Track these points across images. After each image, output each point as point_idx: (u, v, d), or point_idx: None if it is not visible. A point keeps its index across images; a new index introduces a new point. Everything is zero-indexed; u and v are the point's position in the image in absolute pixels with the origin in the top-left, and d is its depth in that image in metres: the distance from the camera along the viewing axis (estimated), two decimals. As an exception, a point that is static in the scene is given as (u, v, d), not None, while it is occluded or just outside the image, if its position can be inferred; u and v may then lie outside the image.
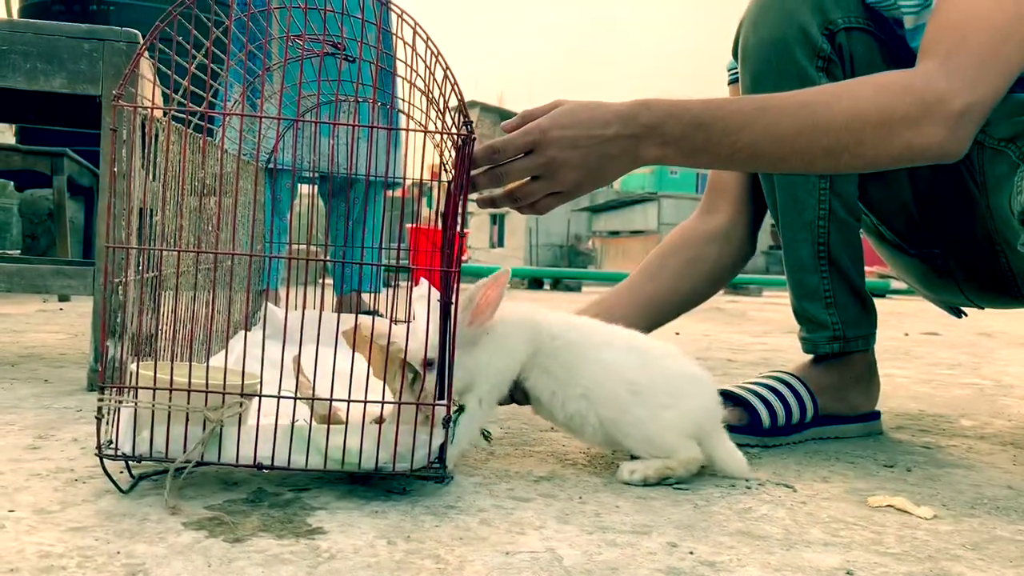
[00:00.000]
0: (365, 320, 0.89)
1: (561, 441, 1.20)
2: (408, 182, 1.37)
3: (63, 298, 3.52)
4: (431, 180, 1.07)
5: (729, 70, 1.39)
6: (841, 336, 1.32)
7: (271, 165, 1.52)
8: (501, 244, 30.48)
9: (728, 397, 1.26)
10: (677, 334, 3.16)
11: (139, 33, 1.41)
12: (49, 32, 1.38)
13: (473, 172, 0.93)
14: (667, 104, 0.97)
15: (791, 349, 1.51)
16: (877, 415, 1.37)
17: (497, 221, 31.47)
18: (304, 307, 0.90)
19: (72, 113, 1.75)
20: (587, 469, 1.05)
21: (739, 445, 1.16)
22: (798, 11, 1.19)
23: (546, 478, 1.00)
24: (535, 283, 8.53)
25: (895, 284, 7.51)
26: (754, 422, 1.22)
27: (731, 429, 1.20)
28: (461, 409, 0.94)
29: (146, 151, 0.84)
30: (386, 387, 0.91)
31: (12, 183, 4.96)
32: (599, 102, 0.95)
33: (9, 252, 7.42)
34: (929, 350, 2.90)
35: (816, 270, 1.31)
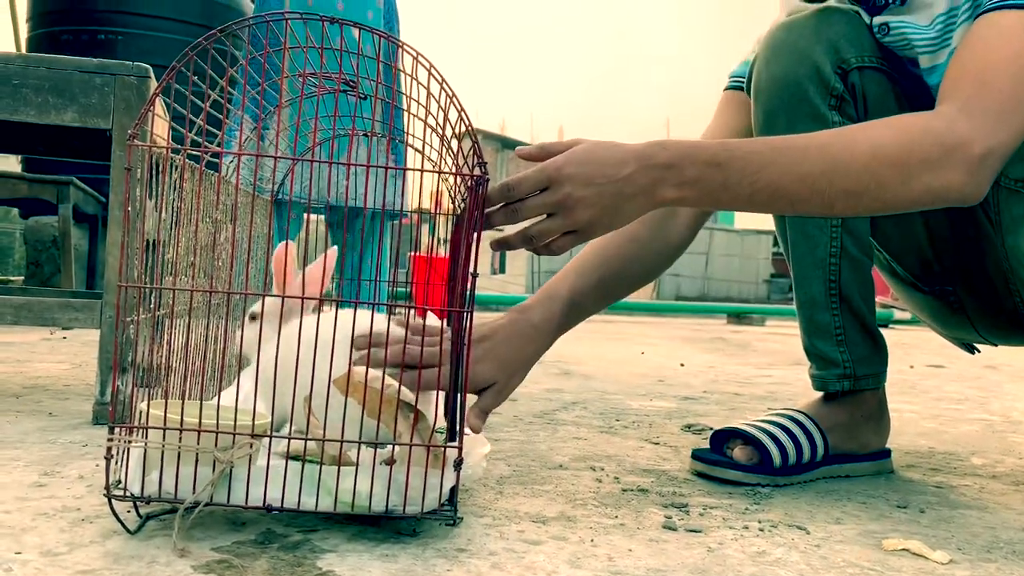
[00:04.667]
0: (358, 367, 0.89)
1: (570, 480, 1.19)
2: (411, 209, 1.36)
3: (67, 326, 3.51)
4: (433, 210, 1.07)
5: (731, 77, 1.38)
6: (852, 374, 1.32)
7: (279, 197, 1.52)
8: (503, 271, 30.52)
9: (738, 435, 1.25)
10: (682, 365, 3.14)
11: (149, 67, 1.42)
12: (61, 66, 1.39)
13: (487, 210, 0.93)
14: (684, 144, 0.96)
15: (797, 382, 1.50)
16: (888, 453, 1.36)
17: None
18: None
19: (81, 145, 1.76)
20: (597, 510, 1.04)
21: (750, 485, 1.15)
22: (811, 50, 1.19)
23: (556, 519, 0.98)
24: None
25: (898, 315, 7.50)
26: (765, 461, 1.21)
27: (741, 468, 1.19)
28: None
29: (159, 188, 0.84)
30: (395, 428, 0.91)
31: (16, 209, 4.98)
32: (616, 142, 0.95)
33: (13, 279, 7.44)
34: (935, 383, 2.88)
35: (827, 307, 1.30)
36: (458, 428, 0.88)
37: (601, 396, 2.19)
